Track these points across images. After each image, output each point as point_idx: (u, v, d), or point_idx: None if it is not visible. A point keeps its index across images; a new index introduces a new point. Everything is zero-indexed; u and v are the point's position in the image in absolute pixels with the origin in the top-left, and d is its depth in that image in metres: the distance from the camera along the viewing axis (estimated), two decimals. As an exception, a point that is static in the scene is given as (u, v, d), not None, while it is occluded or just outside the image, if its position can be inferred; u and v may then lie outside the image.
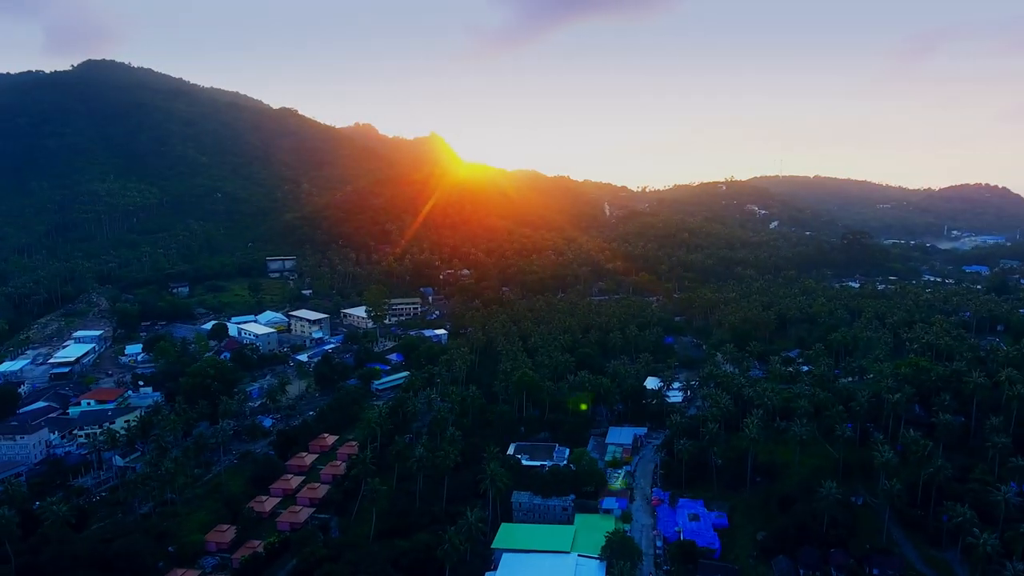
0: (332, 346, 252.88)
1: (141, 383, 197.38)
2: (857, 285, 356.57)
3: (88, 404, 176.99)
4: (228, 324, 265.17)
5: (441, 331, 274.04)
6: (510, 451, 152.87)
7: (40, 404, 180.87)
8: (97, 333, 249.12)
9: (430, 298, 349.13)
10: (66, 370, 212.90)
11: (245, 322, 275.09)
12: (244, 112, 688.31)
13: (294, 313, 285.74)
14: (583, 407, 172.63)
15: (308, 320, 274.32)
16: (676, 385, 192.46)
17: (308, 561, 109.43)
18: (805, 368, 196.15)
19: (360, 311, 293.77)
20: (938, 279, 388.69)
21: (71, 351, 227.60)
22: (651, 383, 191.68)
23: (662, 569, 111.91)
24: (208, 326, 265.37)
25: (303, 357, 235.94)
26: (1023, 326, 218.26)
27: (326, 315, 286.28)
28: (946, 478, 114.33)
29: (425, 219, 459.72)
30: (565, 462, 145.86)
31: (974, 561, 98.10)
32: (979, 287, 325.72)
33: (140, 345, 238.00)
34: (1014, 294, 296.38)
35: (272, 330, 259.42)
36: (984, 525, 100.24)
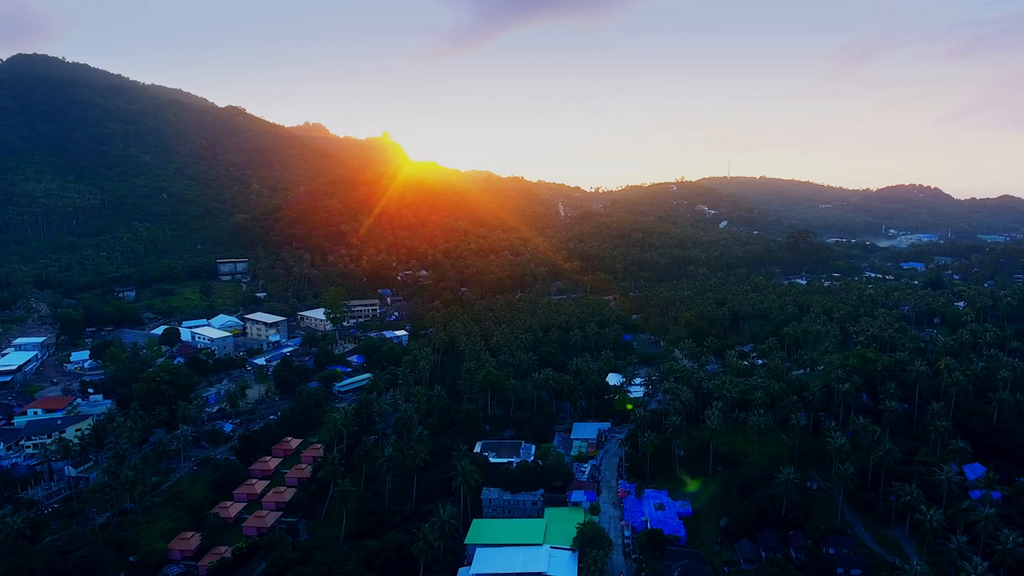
0: (290, 349, 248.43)
1: (91, 391, 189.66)
2: (804, 282, 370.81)
3: (35, 413, 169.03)
4: (180, 328, 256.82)
5: (402, 332, 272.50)
6: (477, 449, 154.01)
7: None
8: (39, 340, 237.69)
9: (388, 299, 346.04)
10: (7, 379, 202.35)
11: (198, 326, 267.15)
12: (188, 110, 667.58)
13: (249, 316, 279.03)
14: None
15: (264, 323, 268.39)
16: (637, 381, 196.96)
17: (278, 565, 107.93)
18: (759, 361, 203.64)
19: (318, 313, 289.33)
20: (879, 275, 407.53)
21: (12, 359, 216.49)
22: (613, 379, 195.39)
23: (631, 558, 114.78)
24: (158, 331, 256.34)
25: (261, 361, 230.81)
26: (958, 318, 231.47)
27: (283, 318, 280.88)
28: (893, 461, 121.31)
29: (381, 220, 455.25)
30: (532, 458, 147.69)
31: (921, 537, 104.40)
32: (916, 283, 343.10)
33: (87, 352, 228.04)
34: (948, 289, 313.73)
35: (227, 334, 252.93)
36: (929, 503, 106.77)
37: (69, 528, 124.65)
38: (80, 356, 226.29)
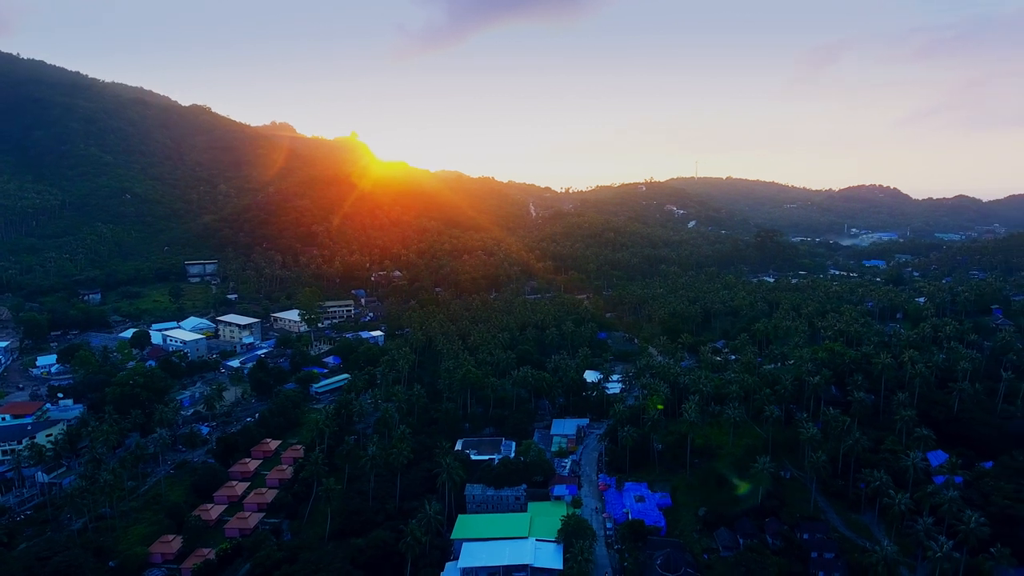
0: (264, 351, 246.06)
1: (60, 395, 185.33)
2: (772, 280, 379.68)
3: (3, 419, 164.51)
4: (150, 331, 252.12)
5: (377, 333, 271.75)
6: (458, 447, 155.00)
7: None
8: (2, 345, 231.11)
9: (363, 300, 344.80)
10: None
11: (168, 329, 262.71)
12: (151, 109, 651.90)
13: (222, 318, 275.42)
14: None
15: (238, 325, 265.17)
16: (614, 377, 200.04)
17: (264, 565, 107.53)
18: (732, 357, 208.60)
19: (292, 315, 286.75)
20: (843, 273, 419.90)
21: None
22: (590, 376, 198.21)
23: (614, 548, 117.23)
24: (127, 334, 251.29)
25: (235, 363, 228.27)
26: (919, 313, 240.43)
27: (256, 319, 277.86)
28: (862, 449, 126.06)
29: (353, 220, 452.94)
30: (513, 455, 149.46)
31: (889, 520, 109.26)
32: (879, 280, 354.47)
33: (54, 356, 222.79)
34: (909, 285, 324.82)
35: (200, 336, 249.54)
36: (897, 489, 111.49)
37: (44, 535, 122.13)
38: (46, 360, 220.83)
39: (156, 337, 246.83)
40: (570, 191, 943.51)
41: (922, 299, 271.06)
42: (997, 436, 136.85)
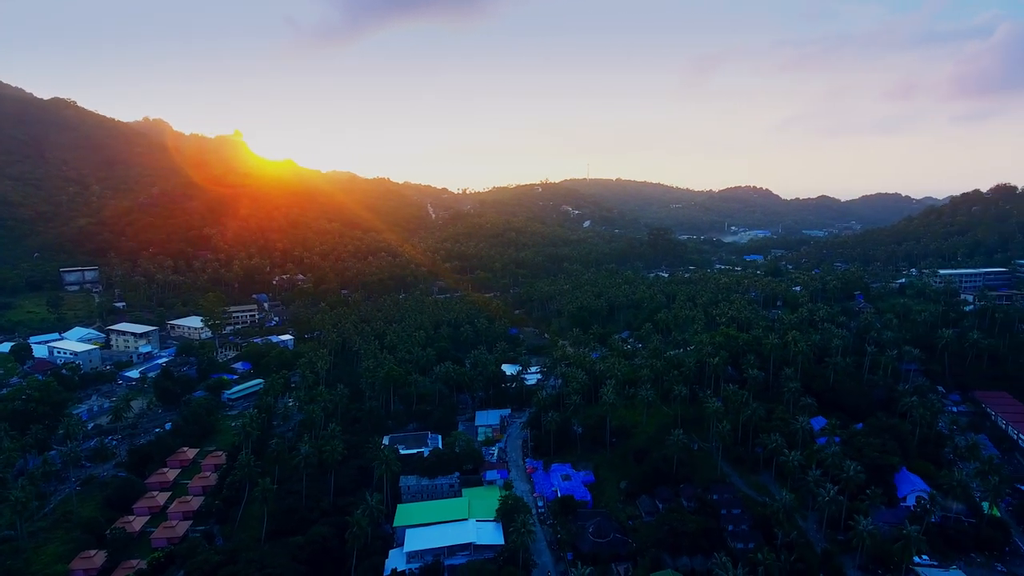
0: (165, 359, 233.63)
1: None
2: (667, 275, 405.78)
3: None
4: (32, 344, 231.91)
5: (287, 336, 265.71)
6: (385, 443, 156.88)
7: None
8: None
9: (266, 305, 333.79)
10: None
11: (50, 340, 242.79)
12: (3, 101, 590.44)
13: (114, 327, 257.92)
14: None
15: (133, 334, 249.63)
16: (532, 369, 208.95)
17: (201, 569, 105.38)
18: (639, 345, 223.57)
19: (192, 321, 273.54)
20: (727, 267, 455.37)
21: None
22: (508, 369, 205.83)
23: (546, 524, 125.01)
24: (5, 347, 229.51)
25: (134, 373, 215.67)
26: (796, 300, 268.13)
27: (153, 327, 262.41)
28: (759, 419, 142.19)
29: (249, 223, 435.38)
30: (441, 447, 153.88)
31: (785, 475, 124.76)
32: (759, 272, 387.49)
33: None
34: (785, 276, 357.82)
35: (93, 347, 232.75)
36: (789, 449, 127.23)
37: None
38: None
39: (40, 350, 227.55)
40: (468, 192, 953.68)
41: (798, 288, 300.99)
42: (865, 402, 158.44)
